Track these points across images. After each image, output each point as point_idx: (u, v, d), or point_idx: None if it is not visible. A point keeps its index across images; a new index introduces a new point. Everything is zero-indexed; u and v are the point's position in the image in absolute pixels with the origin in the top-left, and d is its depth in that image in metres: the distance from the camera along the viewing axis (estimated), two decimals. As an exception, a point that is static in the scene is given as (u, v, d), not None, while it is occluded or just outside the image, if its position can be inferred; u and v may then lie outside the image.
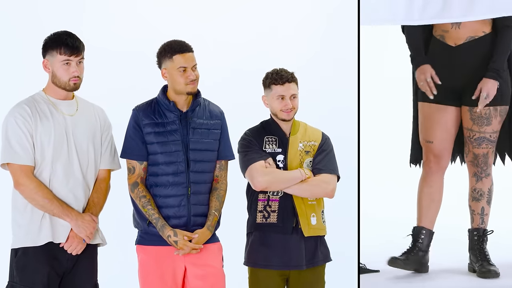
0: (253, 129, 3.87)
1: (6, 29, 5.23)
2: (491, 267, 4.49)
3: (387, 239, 5.11)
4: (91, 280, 3.61)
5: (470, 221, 4.67)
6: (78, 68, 3.53)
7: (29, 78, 4.37)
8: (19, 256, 3.47)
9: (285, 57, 5.09)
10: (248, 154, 3.75)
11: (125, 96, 4.55)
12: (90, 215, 3.55)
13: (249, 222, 3.82)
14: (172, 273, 3.62)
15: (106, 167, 3.67)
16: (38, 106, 3.52)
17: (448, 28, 4.57)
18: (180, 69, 3.62)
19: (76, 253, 3.52)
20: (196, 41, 3.73)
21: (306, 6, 5.42)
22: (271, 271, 3.74)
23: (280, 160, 3.79)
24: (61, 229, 3.49)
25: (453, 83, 4.59)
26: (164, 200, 3.63)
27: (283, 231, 3.73)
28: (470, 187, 4.68)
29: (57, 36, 3.53)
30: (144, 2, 5.39)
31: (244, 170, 3.77)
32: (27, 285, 3.44)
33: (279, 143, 3.81)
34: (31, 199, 3.46)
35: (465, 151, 4.67)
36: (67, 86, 3.53)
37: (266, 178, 3.70)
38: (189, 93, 3.64)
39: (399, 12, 4.34)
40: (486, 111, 4.55)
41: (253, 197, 3.79)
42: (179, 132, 3.65)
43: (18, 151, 3.45)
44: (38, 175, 3.49)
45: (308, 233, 3.74)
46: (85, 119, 3.61)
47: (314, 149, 3.82)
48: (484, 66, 4.53)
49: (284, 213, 3.74)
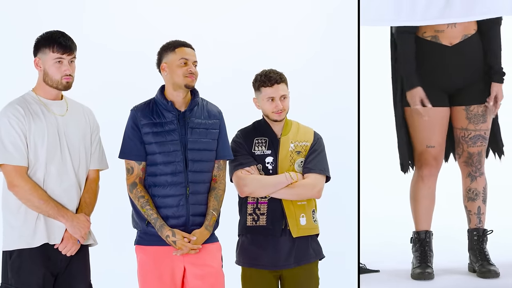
0: (244, 130, 3.89)
1: (6, 29, 5.23)
2: (491, 267, 4.48)
3: (387, 239, 5.11)
4: (85, 280, 3.60)
5: (467, 221, 4.66)
6: (70, 67, 3.51)
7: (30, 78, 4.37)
8: (14, 258, 3.44)
9: (285, 57, 5.09)
10: (236, 159, 3.78)
11: (124, 96, 4.56)
12: (85, 215, 3.54)
13: (240, 224, 3.85)
14: (171, 273, 3.61)
15: (96, 167, 3.66)
16: (30, 106, 3.49)
17: (443, 28, 4.54)
18: (181, 61, 3.62)
19: (70, 254, 3.50)
20: (196, 41, 3.73)
21: (306, 6, 5.42)
22: (262, 270, 3.75)
23: (269, 162, 3.79)
24: (56, 230, 3.47)
25: (446, 84, 4.57)
26: (163, 200, 3.62)
27: (273, 233, 3.75)
28: (465, 187, 4.67)
29: (50, 35, 3.52)
30: (144, 2, 5.39)
31: (231, 175, 3.81)
32: (23, 286, 3.42)
33: (269, 144, 3.81)
34: (26, 200, 3.43)
35: (457, 152, 4.65)
36: (59, 85, 3.51)
37: (251, 185, 3.73)
38: (187, 86, 3.63)
39: (400, 12, 4.34)
40: (482, 109, 4.55)
41: (243, 200, 3.82)
42: (177, 132, 3.64)
43: (12, 151, 3.42)
44: (32, 175, 3.46)
45: (297, 233, 3.75)
46: (75, 120, 3.59)
47: (305, 150, 3.83)
48: (479, 63, 4.53)
49: (273, 215, 3.75)
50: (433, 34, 4.57)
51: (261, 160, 3.79)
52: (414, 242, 4.63)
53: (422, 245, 4.57)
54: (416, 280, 4.46)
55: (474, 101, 4.55)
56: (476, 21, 4.52)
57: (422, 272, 4.47)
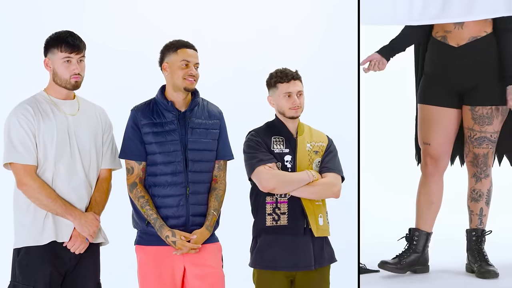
0: (259, 129, 3.84)
1: (7, 29, 5.23)
2: (490, 268, 4.49)
3: (387, 239, 5.10)
4: (93, 279, 3.61)
5: (468, 221, 4.67)
6: (79, 66, 3.54)
7: (30, 78, 4.37)
8: (21, 256, 3.47)
9: (286, 57, 5.09)
10: (256, 156, 3.73)
11: (124, 96, 4.55)
12: (93, 214, 3.56)
13: (256, 225, 3.77)
14: (171, 273, 3.61)
15: (108, 167, 3.67)
16: (40, 106, 3.53)
17: (451, 29, 4.55)
18: (182, 63, 3.61)
19: (79, 252, 3.52)
20: (196, 41, 3.73)
21: (306, 6, 5.42)
22: (278, 272, 3.72)
23: (288, 161, 3.77)
24: (64, 228, 3.50)
25: (455, 84, 4.57)
26: (163, 200, 3.62)
27: (295, 232, 3.70)
28: (469, 187, 4.67)
29: (58, 35, 3.55)
30: (144, 2, 5.39)
31: (251, 172, 3.73)
32: (30, 284, 3.44)
33: (286, 143, 3.80)
34: (35, 198, 3.46)
35: (465, 151, 4.67)
36: (67, 84, 3.53)
37: (274, 180, 3.67)
38: (186, 88, 3.63)
39: (399, 12, 4.34)
40: (488, 111, 4.54)
41: (260, 200, 3.75)
42: (177, 132, 3.64)
43: (21, 151, 3.45)
44: (41, 174, 3.49)
45: (318, 233, 3.72)
46: (86, 119, 3.62)
47: (322, 150, 3.81)
48: (487, 66, 4.53)
49: (294, 214, 3.71)
50: (442, 34, 4.58)
51: (280, 159, 3.75)
52: (406, 237, 4.66)
53: (407, 242, 4.62)
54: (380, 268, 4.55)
55: (480, 102, 4.54)
56: (492, 23, 4.52)
57: (384, 261, 4.55)
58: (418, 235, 4.62)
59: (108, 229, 3.67)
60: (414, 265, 4.60)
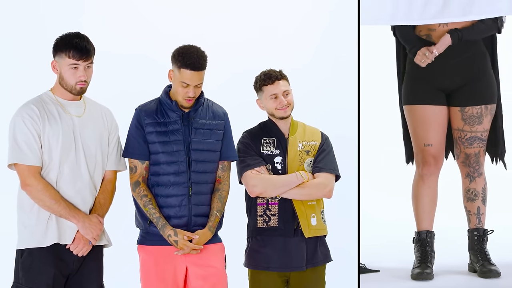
0: (250, 130, 3.87)
1: (8, 30, 5.22)
2: (492, 267, 4.48)
3: (387, 239, 5.11)
4: (97, 282, 3.60)
5: (467, 221, 4.66)
6: (86, 73, 3.50)
7: (31, 78, 4.38)
8: (24, 257, 3.45)
9: (286, 57, 5.09)
10: (244, 160, 3.76)
11: (124, 97, 4.55)
12: (97, 216, 3.54)
13: (249, 226, 3.82)
14: (173, 273, 3.61)
15: (113, 168, 3.66)
16: (46, 106, 3.50)
17: (435, 27, 4.53)
18: (183, 83, 3.61)
19: (82, 255, 3.50)
20: (196, 41, 3.72)
21: (306, 5, 5.42)
22: (272, 272, 3.74)
23: (278, 162, 3.78)
24: (67, 230, 3.48)
25: (441, 83, 4.56)
26: (165, 199, 3.62)
27: (285, 234, 3.73)
28: (464, 188, 4.66)
29: (68, 38, 3.49)
30: (144, 2, 5.39)
31: (240, 176, 3.78)
32: (33, 286, 3.42)
33: (277, 144, 3.80)
34: (38, 199, 3.44)
35: (455, 152, 4.65)
36: (73, 90, 3.52)
37: (261, 184, 3.71)
38: (182, 106, 3.64)
39: (399, 12, 4.34)
40: (478, 111, 4.54)
41: (252, 202, 3.80)
42: (181, 132, 3.64)
43: (26, 151, 3.43)
44: (45, 176, 3.47)
45: (309, 234, 3.74)
46: (92, 120, 3.60)
47: (314, 149, 3.82)
48: (473, 65, 4.52)
49: (284, 216, 3.74)
50: (426, 33, 4.57)
51: (270, 160, 3.78)
52: (415, 242, 4.62)
53: (423, 245, 4.57)
54: (414, 280, 4.45)
55: (469, 102, 4.53)
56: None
57: (420, 272, 4.46)
58: (430, 236, 4.60)
59: (111, 230, 3.67)
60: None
